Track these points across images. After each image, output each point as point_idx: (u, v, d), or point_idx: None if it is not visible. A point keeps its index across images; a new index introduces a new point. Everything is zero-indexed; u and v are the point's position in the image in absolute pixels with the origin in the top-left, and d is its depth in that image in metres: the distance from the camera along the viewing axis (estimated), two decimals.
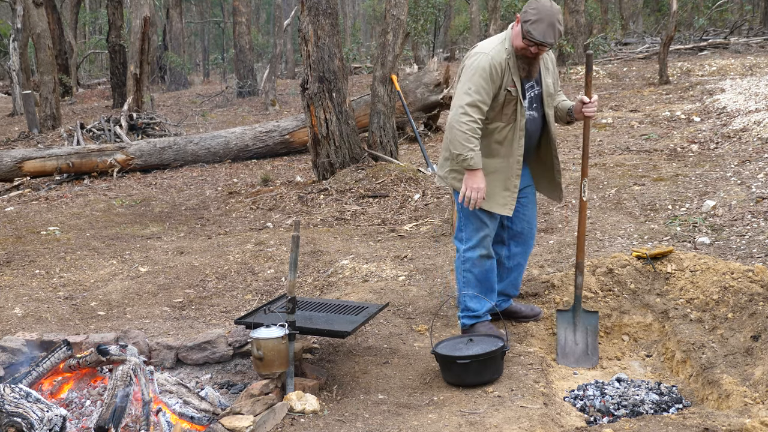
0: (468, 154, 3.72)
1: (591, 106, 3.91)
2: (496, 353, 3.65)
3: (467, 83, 3.73)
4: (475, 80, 3.71)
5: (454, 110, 3.76)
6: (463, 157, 3.73)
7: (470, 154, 3.71)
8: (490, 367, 3.65)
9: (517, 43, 3.74)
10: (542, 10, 3.65)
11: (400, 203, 7.42)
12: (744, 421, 2.97)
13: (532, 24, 3.64)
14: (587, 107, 3.91)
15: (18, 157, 10.39)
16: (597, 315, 4.10)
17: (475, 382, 3.63)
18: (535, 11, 3.66)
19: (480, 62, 3.74)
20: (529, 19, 3.65)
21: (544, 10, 3.66)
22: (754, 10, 28.70)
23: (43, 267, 6.07)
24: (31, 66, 21.69)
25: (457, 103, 3.75)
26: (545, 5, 3.67)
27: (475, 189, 3.78)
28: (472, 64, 3.77)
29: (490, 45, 3.82)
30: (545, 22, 3.64)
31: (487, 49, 3.78)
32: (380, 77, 8.68)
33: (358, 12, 45.43)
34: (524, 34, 3.68)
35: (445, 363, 3.71)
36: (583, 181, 4.01)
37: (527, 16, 3.67)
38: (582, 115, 3.94)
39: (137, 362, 3.40)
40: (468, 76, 3.75)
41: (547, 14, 3.65)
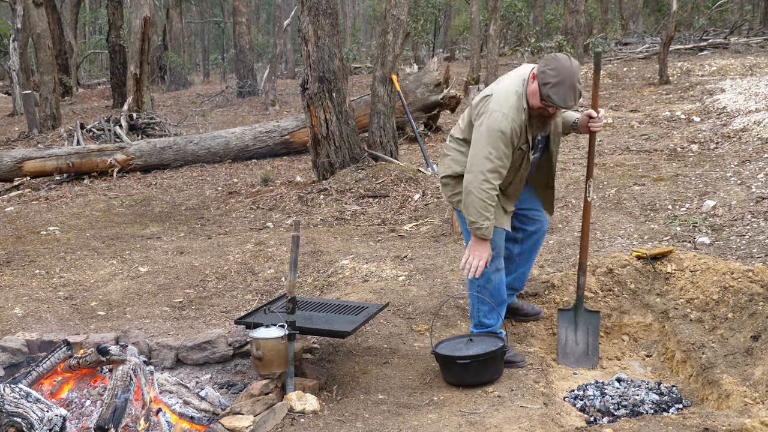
0: (483, 224, 3.60)
1: (597, 121, 3.82)
2: (496, 353, 3.65)
3: (489, 147, 3.54)
4: (497, 145, 3.53)
5: (474, 175, 3.57)
6: (477, 226, 3.61)
7: (485, 223, 3.60)
8: (490, 367, 3.65)
9: (534, 102, 3.57)
10: (562, 72, 3.47)
11: (400, 203, 7.42)
12: (744, 421, 2.97)
13: (552, 87, 3.47)
14: (594, 122, 3.82)
15: (18, 157, 10.39)
16: (598, 315, 4.10)
17: (475, 382, 3.63)
18: (554, 73, 3.47)
19: (501, 126, 3.54)
20: (549, 82, 3.47)
21: (564, 71, 3.47)
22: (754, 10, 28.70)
23: (43, 267, 6.07)
24: (31, 66, 21.69)
25: (478, 168, 3.56)
26: (564, 65, 3.49)
27: (479, 257, 3.67)
28: (492, 125, 3.55)
29: (508, 103, 3.59)
30: (566, 85, 3.47)
31: (505, 109, 3.57)
32: (380, 77, 8.68)
33: (358, 12, 45.43)
34: (543, 97, 3.50)
35: (445, 363, 3.71)
36: (588, 182, 4.01)
37: (546, 78, 3.48)
38: (587, 129, 3.88)
39: (137, 362, 3.40)
40: (489, 139, 3.54)
41: (567, 75, 3.47)
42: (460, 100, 12.24)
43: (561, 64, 3.49)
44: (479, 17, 19.32)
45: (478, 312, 3.95)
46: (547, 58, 3.57)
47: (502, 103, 3.59)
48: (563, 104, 3.51)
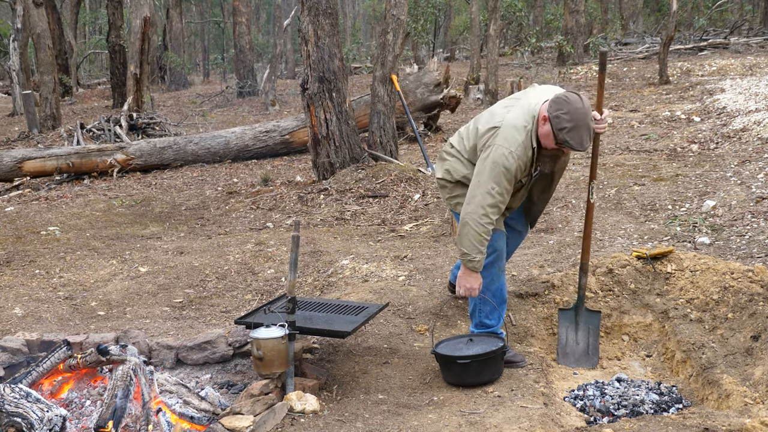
0: (476, 257, 3.60)
1: (602, 122, 3.80)
2: (497, 353, 3.65)
3: (491, 182, 3.52)
4: (499, 181, 3.51)
5: (474, 207, 3.55)
6: (470, 258, 3.60)
7: (478, 257, 3.60)
8: (490, 367, 3.65)
9: (548, 143, 3.55)
10: (576, 115, 3.43)
11: (400, 203, 7.42)
12: (744, 421, 2.97)
13: (569, 133, 3.44)
14: (598, 124, 3.80)
15: (18, 157, 10.39)
16: (599, 315, 4.10)
17: (475, 382, 3.63)
18: (568, 117, 3.43)
19: (507, 163, 3.51)
20: (564, 127, 3.43)
21: (577, 113, 3.43)
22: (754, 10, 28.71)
23: (43, 267, 6.07)
24: (31, 66, 21.69)
25: (478, 202, 3.54)
26: (577, 107, 3.45)
27: (469, 289, 3.71)
28: (497, 161, 3.52)
29: (516, 140, 3.54)
30: (582, 128, 3.45)
31: (513, 146, 3.53)
32: (380, 77, 8.68)
33: (358, 12, 45.43)
34: (560, 142, 3.48)
35: (445, 363, 3.71)
36: (591, 184, 4.01)
37: (561, 123, 3.44)
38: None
39: (137, 362, 3.40)
40: (492, 174, 3.52)
41: (581, 118, 3.44)
42: (460, 100, 12.24)
43: (574, 106, 3.46)
44: (479, 17, 19.32)
45: (479, 312, 3.95)
46: (558, 100, 3.51)
47: (509, 139, 3.55)
48: (580, 148, 3.50)
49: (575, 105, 3.46)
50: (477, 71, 17.78)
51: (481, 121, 3.78)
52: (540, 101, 3.63)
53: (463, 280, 3.71)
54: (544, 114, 3.53)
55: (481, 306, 3.93)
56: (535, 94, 3.73)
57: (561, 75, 17.13)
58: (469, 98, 15.45)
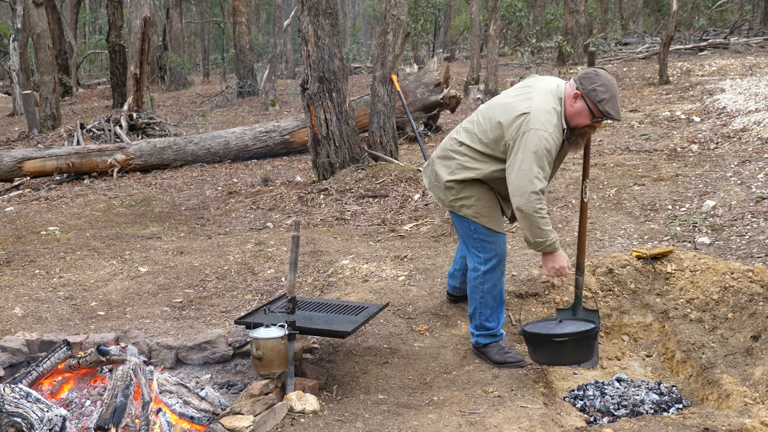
0: (550, 238, 3.59)
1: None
2: (591, 333, 3.57)
3: (536, 167, 3.51)
4: (543, 165, 3.52)
5: (526, 197, 3.52)
6: (548, 242, 3.60)
7: (552, 236, 3.60)
8: (584, 348, 3.57)
9: (582, 121, 3.59)
10: (609, 86, 3.53)
11: (400, 203, 7.42)
12: (744, 421, 2.97)
13: (608, 103, 3.51)
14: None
15: (18, 157, 10.39)
16: (597, 313, 4.10)
17: (569, 362, 3.57)
18: (603, 89, 3.51)
19: (548, 145, 3.52)
20: (603, 98, 3.51)
21: (611, 85, 3.54)
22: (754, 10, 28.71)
23: (43, 267, 6.07)
24: (31, 66, 21.69)
25: (529, 188, 3.51)
26: (608, 79, 3.55)
27: (558, 270, 3.69)
28: (539, 143, 3.51)
29: (551, 123, 3.56)
30: (617, 98, 3.55)
31: (550, 128, 3.54)
32: (380, 77, 8.68)
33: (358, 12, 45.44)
34: (601, 113, 3.53)
35: (538, 342, 3.60)
36: (584, 183, 4.01)
37: (599, 96, 3.51)
38: None
39: (137, 362, 3.40)
40: (537, 158, 3.51)
41: (615, 88, 3.55)
42: (460, 100, 12.24)
43: (606, 78, 3.54)
44: (479, 17, 19.32)
45: (480, 315, 3.94)
46: (588, 75, 3.56)
47: (544, 122, 3.55)
48: (618, 117, 3.57)
49: (606, 77, 3.54)
50: (477, 71, 17.78)
51: (496, 113, 3.70)
52: (558, 84, 3.67)
53: (549, 263, 3.69)
54: (575, 92, 3.57)
55: (481, 309, 3.93)
56: (545, 80, 3.76)
57: (561, 75, 17.11)
58: (469, 98, 15.45)
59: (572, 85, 3.61)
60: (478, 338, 3.98)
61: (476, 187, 3.81)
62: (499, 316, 3.95)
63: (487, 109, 3.82)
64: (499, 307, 3.93)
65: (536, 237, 3.59)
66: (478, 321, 3.95)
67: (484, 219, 3.82)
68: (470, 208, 3.82)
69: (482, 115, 3.82)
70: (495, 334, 3.95)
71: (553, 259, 3.68)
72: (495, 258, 3.85)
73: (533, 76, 3.89)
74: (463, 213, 3.84)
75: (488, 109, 3.80)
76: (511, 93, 3.80)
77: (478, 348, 3.99)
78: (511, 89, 3.88)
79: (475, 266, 3.90)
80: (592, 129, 3.66)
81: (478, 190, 3.82)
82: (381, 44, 8.87)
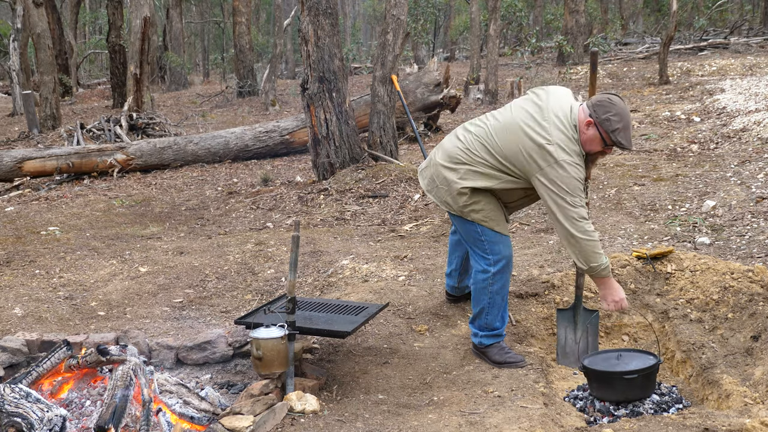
0: (604, 261, 3.64)
1: None
2: (656, 367, 3.57)
3: (573, 196, 3.57)
4: (577, 192, 3.59)
5: (575, 225, 3.57)
6: (603, 266, 3.64)
7: (605, 260, 3.65)
8: (651, 381, 3.57)
9: (594, 148, 3.64)
10: (623, 116, 3.57)
11: (400, 203, 7.42)
12: (744, 421, 2.97)
13: (621, 133, 3.56)
14: None
15: (18, 157, 10.39)
16: (597, 313, 4.10)
17: (638, 397, 3.53)
18: (617, 118, 3.55)
19: (579, 173, 3.59)
20: (617, 128, 3.54)
21: (625, 114, 3.58)
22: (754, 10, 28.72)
23: (43, 267, 6.07)
24: (31, 66, 21.69)
25: (575, 216, 3.57)
26: (622, 108, 3.58)
27: (618, 302, 3.75)
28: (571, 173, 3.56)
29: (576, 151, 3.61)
30: (630, 127, 3.60)
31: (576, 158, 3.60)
32: (380, 77, 8.68)
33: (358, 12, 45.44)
34: (613, 143, 3.58)
35: (606, 379, 3.57)
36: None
37: (613, 125, 3.55)
38: None
39: (137, 362, 3.40)
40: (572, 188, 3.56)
41: (628, 117, 3.59)
42: (460, 100, 12.24)
43: (620, 107, 3.57)
44: (479, 17, 19.32)
45: (487, 315, 3.94)
46: (603, 103, 3.59)
47: (569, 152, 3.58)
48: (630, 146, 3.62)
49: (620, 106, 3.57)
50: (477, 71, 17.78)
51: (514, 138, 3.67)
52: (572, 107, 3.65)
53: (609, 297, 3.74)
54: (588, 119, 3.59)
55: (489, 309, 3.93)
56: (557, 100, 3.72)
57: (561, 75, 17.12)
58: (469, 98, 15.45)
59: (585, 111, 3.61)
60: (482, 339, 3.97)
61: (487, 196, 3.84)
62: (504, 317, 3.96)
63: (503, 129, 3.75)
64: (505, 307, 3.96)
65: (590, 262, 3.63)
66: (485, 321, 3.95)
67: (492, 223, 3.84)
68: (479, 212, 3.82)
69: (494, 131, 3.76)
70: (500, 334, 3.96)
71: (611, 292, 3.73)
72: (504, 259, 3.87)
73: (542, 89, 3.84)
74: (472, 218, 3.84)
75: (503, 130, 3.74)
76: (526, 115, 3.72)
77: (479, 348, 3.99)
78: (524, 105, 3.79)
79: (484, 268, 3.89)
80: (602, 155, 3.71)
81: (488, 197, 3.84)
82: (381, 44, 8.87)
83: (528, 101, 3.79)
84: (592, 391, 3.64)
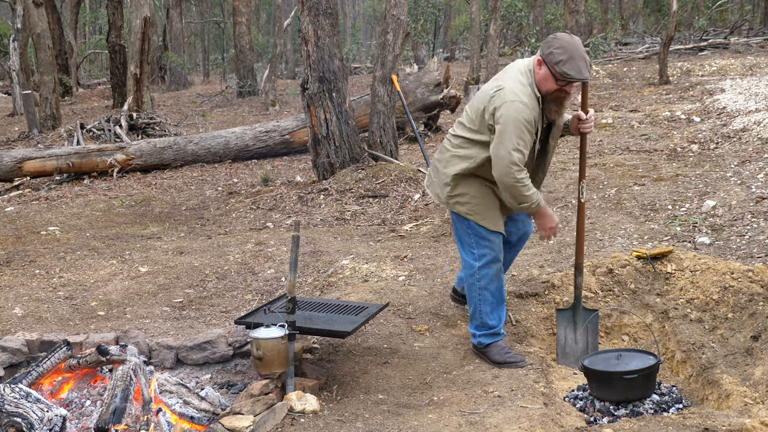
0: (533, 200, 3.68)
1: (587, 122, 3.82)
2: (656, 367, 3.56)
3: (515, 138, 3.56)
4: (522, 134, 3.57)
5: (506, 168, 3.58)
6: (533, 204, 3.70)
7: (534, 197, 3.68)
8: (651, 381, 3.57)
9: (549, 86, 3.62)
10: (568, 47, 3.55)
11: (400, 203, 7.42)
12: (744, 421, 2.97)
13: (565, 64, 3.53)
14: (583, 124, 3.83)
15: (18, 157, 10.39)
16: (597, 313, 4.09)
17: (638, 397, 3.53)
18: (561, 50, 3.54)
19: (524, 115, 3.57)
20: (560, 60, 3.53)
21: (569, 45, 3.55)
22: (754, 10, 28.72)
23: (43, 267, 6.07)
24: (31, 66, 21.68)
25: (507, 160, 3.56)
26: (567, 40, 3.58)
27: (550, 229, 3.85)
28: (516, 114, 3.57)
29: (525, 92, 3.62)
30: (576, 57, 3.54)
31: (525, 98, 3.60)
32: (380, 77, 8.68)
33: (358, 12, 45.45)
34: (559, 75, 3.56)
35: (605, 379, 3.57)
36: (581, 183, 4.00)
37: (556, 57, 3.54)
38: (578, 131, 3.88)
39: (137, 362, 3.40)
40: (515, 129, 3.56)
41: (574, 48, 3.55)
42: (460, 100, 12.24)
43: (564, 40, 3.59)
44: (479, 17, 19.32)
45: (480, 314, 3.94)
46: (547, 40, 3.66)
47: (518, 92, 3.62)
48: (581, 76, 3.58)
49: (565, 39, 3.60)
50: (477, 71, 17.78)
51: (477, 98, 3.81)
52: (532, 59, 3.76)
53: (540, 223, 3.85)
54: (538, 58, 3.66)
55: (480, 306, 3.93)
56: (520, 60, 3.85)
57: None
58: (469, 98, 15.44)
59: (537, 55, 3.70)
60: (480, 339, 3.96)
61: (473, 185, 3.83)
62: (499, 315, 3.94)
63: (473, 99, 3.91)
64: (499, 305, 3.93)
65: (521, 202, 3.71)
66: (479, 320, 3.94)
67: (478, 216, 3.84)
68: (464, 205, 3.84)
69: (469, 106, 3.90)
70: (497, 332, 3.94)
71: (544, 220, 3.84)
72: (488, 255, 3.86)
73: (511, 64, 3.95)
74: (458, 210, 3.88)
75: (473, 99, 3.89)
76: (491, 80, 3.90)
77: (479, 349, 3.99)
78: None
79: (470, 263, 3.93)
80: (563, 93, 3.68)
81: (475, 187, 3.83)
82: (381, 44, 8.86)
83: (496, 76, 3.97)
84: (592, 391, 3.64)
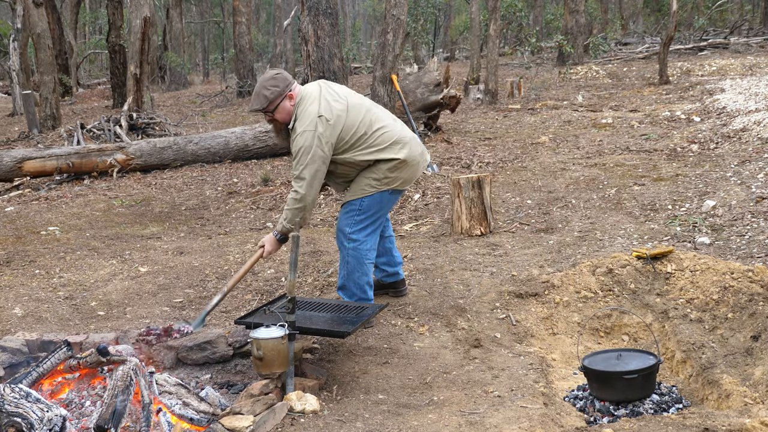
0: (289, 230, 4.17)
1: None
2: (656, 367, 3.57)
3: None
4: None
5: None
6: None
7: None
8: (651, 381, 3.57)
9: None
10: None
11: (399, 203, 7.42)
12: (744, 421, 2.97)
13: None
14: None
15: (18, 157, 10.38)
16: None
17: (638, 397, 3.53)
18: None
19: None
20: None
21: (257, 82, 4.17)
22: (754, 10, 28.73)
23: (43, 267, 6.07)
24: (31, 66, 21.69)
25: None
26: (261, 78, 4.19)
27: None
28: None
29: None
30: (254, 93, 4.13)
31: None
32: (380, 77, 8.68)
33: (358, 12, 45.47)
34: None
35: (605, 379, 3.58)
36: None
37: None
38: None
39: (137, 362, 3.39)
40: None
41: (258, 85, 4.11)
42: (460, 100, 12.22)
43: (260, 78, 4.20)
44: (479, 17, 19.33)
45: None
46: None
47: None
48: (250, 108, 4.17)
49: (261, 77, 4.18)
50: (477, 71, 17.78)
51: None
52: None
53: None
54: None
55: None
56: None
57: (561, 75, 17.12)
58: (469, 98, 15.44)
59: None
60: None
61: None
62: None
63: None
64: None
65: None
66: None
67: None
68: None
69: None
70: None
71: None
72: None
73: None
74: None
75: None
76: None
77: None
78: None
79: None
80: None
81: None
82: (381, 44, 8.87)
83: None
84: (592, 391, 3.64)
